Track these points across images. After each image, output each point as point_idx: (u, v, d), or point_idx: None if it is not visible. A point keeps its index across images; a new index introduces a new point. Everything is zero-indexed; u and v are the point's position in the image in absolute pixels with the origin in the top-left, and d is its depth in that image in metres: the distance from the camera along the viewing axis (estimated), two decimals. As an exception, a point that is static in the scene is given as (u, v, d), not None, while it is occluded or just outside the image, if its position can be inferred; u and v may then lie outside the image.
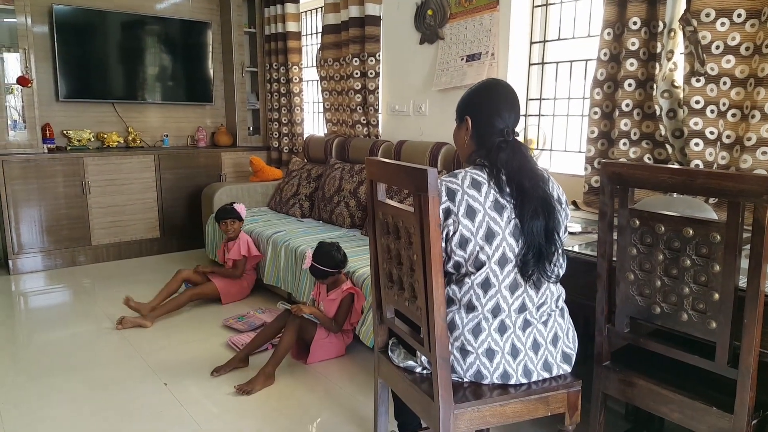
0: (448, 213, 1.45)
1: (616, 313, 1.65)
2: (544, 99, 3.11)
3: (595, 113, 2.60)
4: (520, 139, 1.63)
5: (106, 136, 4.63)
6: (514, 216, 1.47)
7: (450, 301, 1.52)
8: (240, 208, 3.64)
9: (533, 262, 1.47)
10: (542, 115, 3.11)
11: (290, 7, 4.56)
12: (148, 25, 4.75)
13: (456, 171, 1.51)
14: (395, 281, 1.61)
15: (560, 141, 3.06)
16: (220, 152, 4.89)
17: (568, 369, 1.59)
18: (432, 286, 1.38)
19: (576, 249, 1.92)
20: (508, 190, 1.47)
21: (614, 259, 1.62)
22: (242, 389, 2.41)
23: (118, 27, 4.61)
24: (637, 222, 1.53)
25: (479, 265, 1.48)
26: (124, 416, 2.27)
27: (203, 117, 5.15)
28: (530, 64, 3.12)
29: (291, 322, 2.59)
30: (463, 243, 1.46)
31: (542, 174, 1.57)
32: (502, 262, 1.48)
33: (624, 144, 2.50)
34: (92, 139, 4.59)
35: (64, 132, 4.49)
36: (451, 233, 1.46)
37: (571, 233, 2.09)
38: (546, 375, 1.55)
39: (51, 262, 4.27)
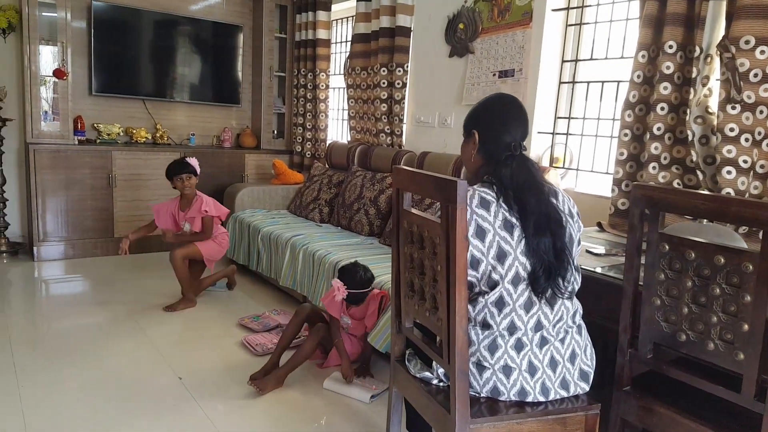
0: (467, 225, 1.44)
1: (639, 337, 1.62)
2: (572, 118, 3.09)
3: (625, 135, 2.58)
4: (540, 156, 1.61)
5: (134, 131, 4.70)
6: (524, 235, 1.45)
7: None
8: (193, 161, 3.52)
9: (544, 279, 1.45)
10: (570, 134, 3.09)
11: (322, 15, 4.61)
12: (182, 26, 4.83)
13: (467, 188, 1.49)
14: (416, 291, 1.60)
15: (587, 161, 3.03)
16: (244, 153, 4.94)
17: (586, 387, 1.57)
18: (455, 298, 1.37)
19: (599, 270, 1.89)
20: (515, 207, 1.46)
21: (640, 283, 1.60)
22: (256, 385, 2.41)
23: (152, 26, 4.69)
24: (667, 247, 1.51)
25: (492, 285, 1.46)
26: (138, 406, 2.29)
27: (230, 118, 5.21)
28: (560, 83, 3.11)
29: (315, 332, 2.56)
30: (475, 263, 1.45)
31: (549, 189, 1.54)
32: (516, 281, 1.46)
33: (653, 168, 2.47)
34: (121, 134, 4.66)
35: (95, 125, 4.57)
36: None
37: (595, 254, 2.07)
38: (563, 393, 1.53)
39: (74, 251, 4.33)
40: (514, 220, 1.45)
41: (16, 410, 2.21)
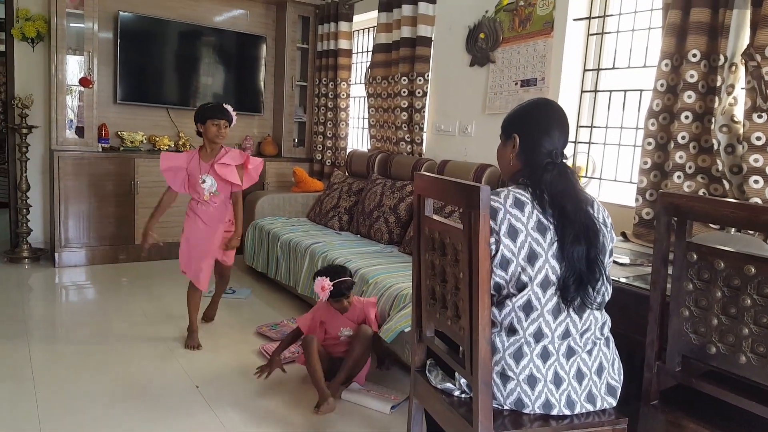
0: (490, 231, 1.43)
1: (667, 350, 1.58)
2: (595, 127, 3.06)
3: (649, 144, 2.54)
4: (568, 164, 1.59)
5: (157, 139, 4.76)
6: (556, 238, 1.44)
7: (491, 324, 1.48)
8: (230, 109, 3.02)
9: (574, 287, 1.43)
10: (592, 143, 3.06)
11: (343, 26, 4.64)
12: (206, 36, 4.90)
13: (498, 189, 1.48)
14: (438, 299, 1.59)
15: (610, 170, 2.99)
16: (265, 161, 4.94)
17: (613, 402, 1.53)
18: (478, 306, 1.35)
19: (623, 280, 1.86)
20: (551, 211, 1.44)
21: (668, 294, 1.56)
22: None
23: (177, 36, 4.77)
24: (695, 256, 1.47)
25: (521, 287, 1.44)
26: (155, 414, 2.30)
27: (251, 126, 5.26)
28: (582, 92, 3.08)
29: (364, 338, 2.51)
30: (504, 264, 1.43)
31: (587, 198, 1.53)
32: (545, 284, 1.44)
33: (678, 177, 2.42)
34: (144, 141, 4.73)
35: (119, 133, 4.63)
36: (492, 253, 1.43)
37: (620, 264, 2.04)
38: (590, 407, 1.49)
39: (95, 257, 4.39)
40: (547, 223, 1.43)
41: (32, 415, 2.23)
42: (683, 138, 2.41)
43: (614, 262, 2.06)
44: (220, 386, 2.54)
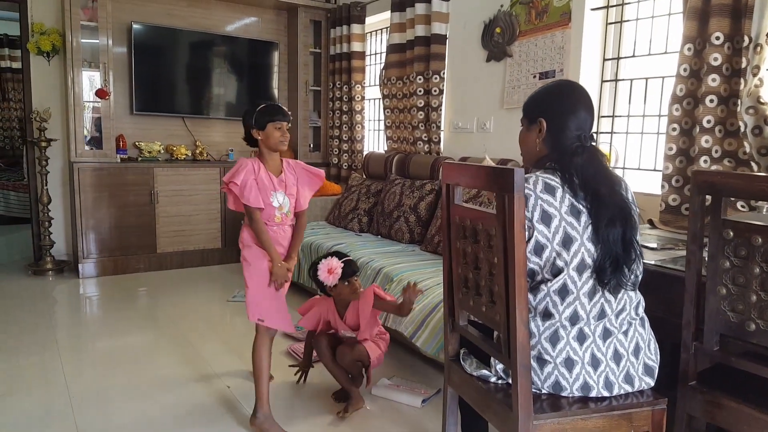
0: (524, 215, 1.41)
1: (704, 330, 1.56)
2: (616, 116, 3.04)
3: (674, 130, 2.52)
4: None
5: (175, 148, 4.81)
6: (590, 221, 1.42)
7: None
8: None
9: (611, 270, 1.41)
10: (615, 133, 3.04)
11: (356, 28, 4.66)
12: (219, 44, 4.95)
13: (526, 175, 1.45)
14: (471, 286, 1.58)
15: (633, 159, 2.97)
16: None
17: (651, 382, 1.51)
18: (515, 290, 1.34)
19: (653, 263, 1.83)
20: (582, 194, 1.42)
21: (703, 273, 1.54)
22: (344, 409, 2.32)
23: (190, 45, 4.82)
24: (732, 233, 1.45)
25: (556, 272, 1.43)
26: (188, 413, 2.31)
27: (266, 133, 5.28)
28: (603, 81, 3.06)
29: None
30: (539, 249, 1.42)
31: (618, 179, 1.51)
32: (581, 268, 1.42)
33: (705, 161, 2.40)
34: (162, 151, 4.77)
35: (136, 143, 4.69)
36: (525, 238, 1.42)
37: (649, 248, 2.01)
38: (628, 388, 1.48)
39: (118, 267, 4.42)
40: (581, 206, 1.41)
41: (68, 417, 2.24)
42: (708, 122, 2.38)
43: (644, 246, 2.04)
44: (251, 386, 2.53)
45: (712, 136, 2.38)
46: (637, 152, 2.94)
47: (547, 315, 1.45)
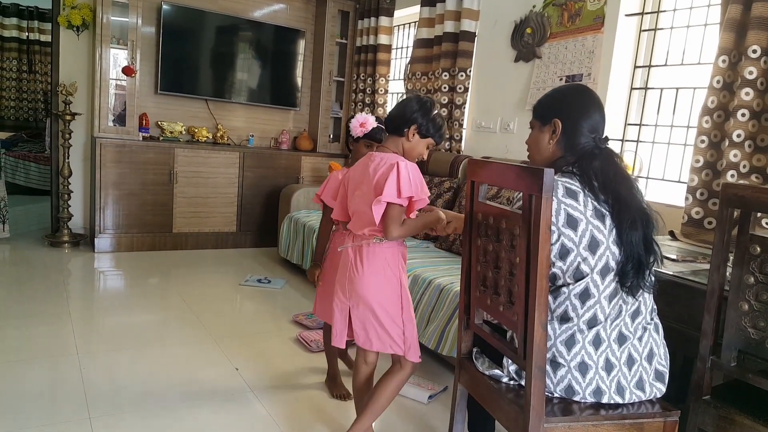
0: (551, 215, 1.40)
1: (722, 344, 1.54)
2: (644, 125, 3.00)
3: (702, 142, 2.48)
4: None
5: (196, 130, 4.83)
6: (614, 224, 1.41)
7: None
8: None
9: (633, 273, 1.40)
10: (641, 141, 3.00)
11: (384, 21, 4.65)
12: (246, 29, 4.95)
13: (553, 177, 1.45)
14: (489, 285, 1.57)
15: (658, 169, 2.93)
16: (300, 156, 5.00)
17: (662, 388, 1.50)
18: (535, 291, 1.33)
19: (670, 272, 1.81)
20: (603, 197, 1.41)
21: (726, 288, 1.52)
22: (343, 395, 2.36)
23: (217, 28, 4.83)
24: (758, 249, 1.43)
25: (579, 277, 1.42)
26: (196, 392, 2.32)
27: (288, 121, 5.30)
28: (632, 89, 3.02)
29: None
30: (564, 254, 1.41)
31: (635, 182, 1.50)
32: (605, 271, 1.41)
33: (732, 176, 2.36)
34: (183, 132, 4.80)
35: (159, 123, 4.71)
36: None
37: (671, 260, 1.99)
38: (639, 393, 1.47)
39: (133, 244, 4.46)
40: (603, 210, 1.41)
41: (77, 387, 2.27)
42: (738, 136, 2.34)
43: (665, 257, 2.01)
44: (259, 370, 2.56)
45: (741, 150, 2.34)
46: (662, 163, 2.90)
47: (565, 318, 1.44)
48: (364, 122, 2.17)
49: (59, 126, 4.40)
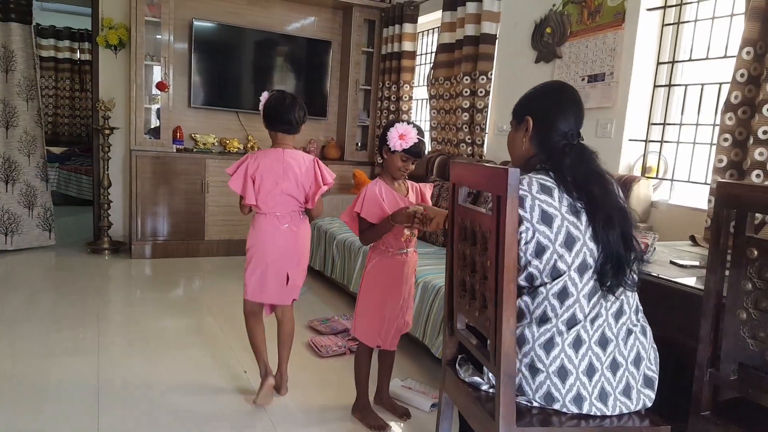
0: (519, 220, 1.34)
1: (721, 356, 1.42)
2: (668, 124, 2.85)
3: (725, 140, 2.33)
4: (631, 165, 1.49)
5: (228, 141, 4.95)
6: (590, 223, 1.36)
7: (521, 315, 1.40)
8: None
9: (612, 272, 1.34)
10: (665, 142, 2.85)
11: (408, 27, 4.64)
12: (275, 42, 5.05)
13: (519, 177, 1.39)
14: (468, 290, 1.51)
15: (683, 171, 2.77)
16: (327, 164, 4.99)
17: (651, 395, 1.41)
18: (502, 296, 1.27)
19: (668, 277, 1.70)
20: (577, 195, 1.36)
21: (724, 295, 1.41)
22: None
23: (248, 42, 4.96)
24: (756, 252, 1.32)
25: (556, 275, 1.36)
26: (205, 394, 2.38)
27: (316, 131, 5.35)
28: (655, 86, 2.88)
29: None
30: (540, 251, 1.36)
31: (611, 178, 1.44)
32: (582, 268, 1.35)
33: (757, 176, 2.20)
34: (216, 144, 4.93)
35: (192, 135, 4.86)
36: (523, 241, 1.36)
37: (679, 265, 1.87)
38: (626, 401, 1.38)
39: (168, 250, 4.61)
40: (578, 206, 1.35)
41: (91, 388, 2.35)
42: (765, 133, 2.19)
43: (673, 263, 1.89)
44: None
45: (767, 148, 2.19)
46: (688, 164, 2.74)
47: (543, 320, 1.38)
48: (404, 134, 2.05)
49: (99, 140, 4.62)
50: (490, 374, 1.48)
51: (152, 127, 4.69)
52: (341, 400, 2.38)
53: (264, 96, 2.37)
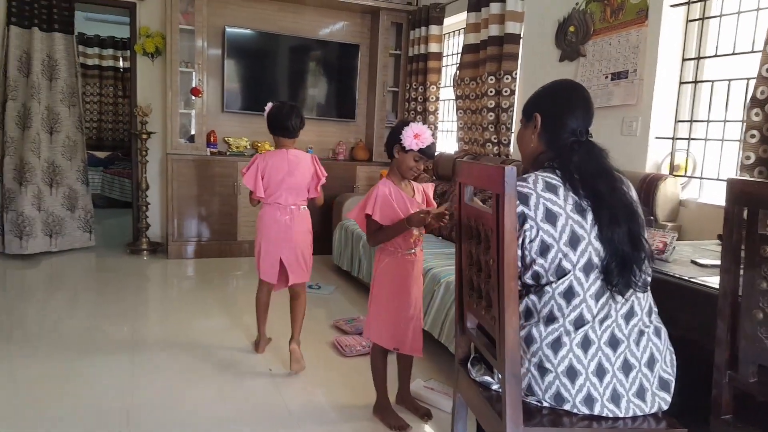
0: (524, 218, 1.35)
1: (739, 358, 1.39)
2: (695, 121, 2.78)
3: (752, 137, 2.27)
4: (658, 164, 1.48)
5: (260, 144, 5.06)
6: (596, 222, 1.35)
7: (528, 314, 1.40)
8: None
9: (617, 271, 1.33)
10: (693, 139, 2.79)
11: (434, 29, 4.65)
12: (305, 47, 5.15)
13: (524, 175, 1.40)
14: (475, 289, 1.53)
15: (712, 168, 2.70)
16: (355, 165, 5.10)
17: (668, 397, 1.39)
18: (503, 294, 1.28)
19: (686, 277, 1.66)
20: (583, 193, 1.35)
21: (740, 294, 1.38)
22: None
23: (278, 48, 5.07)
24: (769, 250, 1.29)
25: (561, 274, 1.36)
26: (232, 388, 2.46)
27: (345, 133, 5.42)
28: (681, 83, 2.82)
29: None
30: (544, 250, 1.36)
31: (619, 176, 1.43)
32: (588, 268, 1.34)
33: (785, 172, 2.14)
34: (248, 147, 5.04)
35: (225, 139, 4.99)
36: (528, 240, 1.36)
37: (699, 264, 1.83)
38: (640, 403, 1.36)
39: (202, 251, 4.75)
40: (584, 204, 1.35)
41: (125, 381, 2.45)
42: (793, 129, 2.12)
43: (694, 262, 1.86)
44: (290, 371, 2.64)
45: (796, 144, 2.12)
46: (717, 161, 2.68)
47: (551, 319, 1.38)
48: (419, 134, 2.07)
49: (137, 144, 4.79)
50: (499, 374, 1.48)
51: (187, 131, 4.83)
52: (364, 399, 2.41)
53: (268, 106, 2.75)
